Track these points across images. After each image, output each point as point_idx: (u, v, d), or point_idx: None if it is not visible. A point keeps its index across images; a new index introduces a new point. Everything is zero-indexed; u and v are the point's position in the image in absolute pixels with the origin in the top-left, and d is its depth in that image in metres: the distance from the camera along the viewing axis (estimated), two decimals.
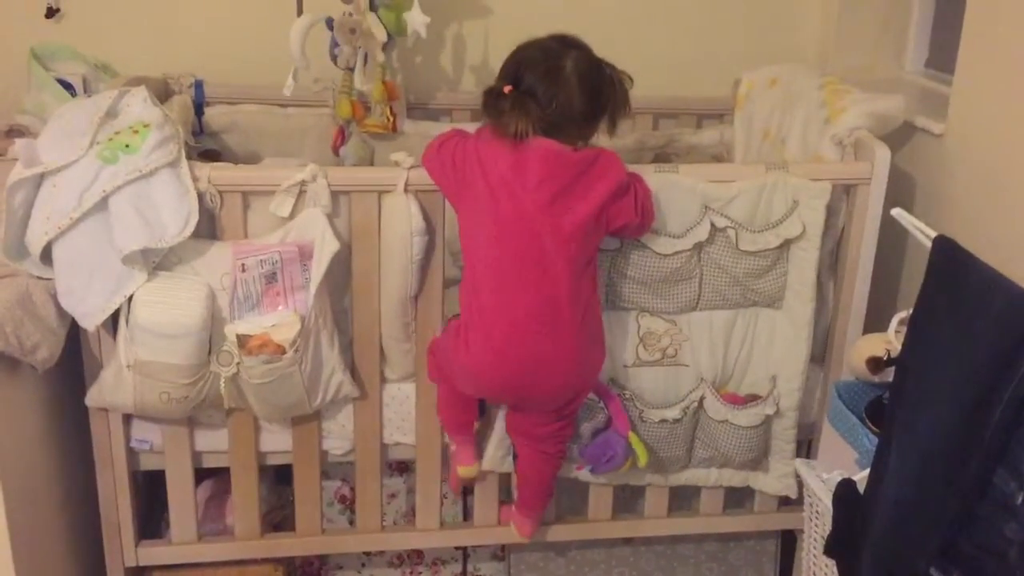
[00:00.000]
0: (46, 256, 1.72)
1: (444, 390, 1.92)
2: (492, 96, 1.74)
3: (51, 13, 2.43)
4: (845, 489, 1.47)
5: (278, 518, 2.24)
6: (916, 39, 2.54)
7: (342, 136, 2.39)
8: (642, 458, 1.95)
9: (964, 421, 1.19)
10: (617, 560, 2.31)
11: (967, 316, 1.21)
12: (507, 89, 1.72)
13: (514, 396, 1.83)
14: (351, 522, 2.29)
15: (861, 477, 1.46)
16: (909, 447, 1.28)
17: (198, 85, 2.38)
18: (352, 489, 2.22)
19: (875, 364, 1.64)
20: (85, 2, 2.45)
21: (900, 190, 2.08)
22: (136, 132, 1.72)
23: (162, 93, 2.28)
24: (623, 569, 2.32)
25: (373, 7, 2.23)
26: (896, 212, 1.51)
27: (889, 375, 1.64)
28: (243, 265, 1.75)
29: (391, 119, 2.37)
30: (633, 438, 1.94)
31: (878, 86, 2.31)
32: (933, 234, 1.37)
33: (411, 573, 2.38)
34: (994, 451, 1.16)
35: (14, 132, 2.17)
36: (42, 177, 1.70)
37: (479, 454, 2.01)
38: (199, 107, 2.37)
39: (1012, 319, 1.14)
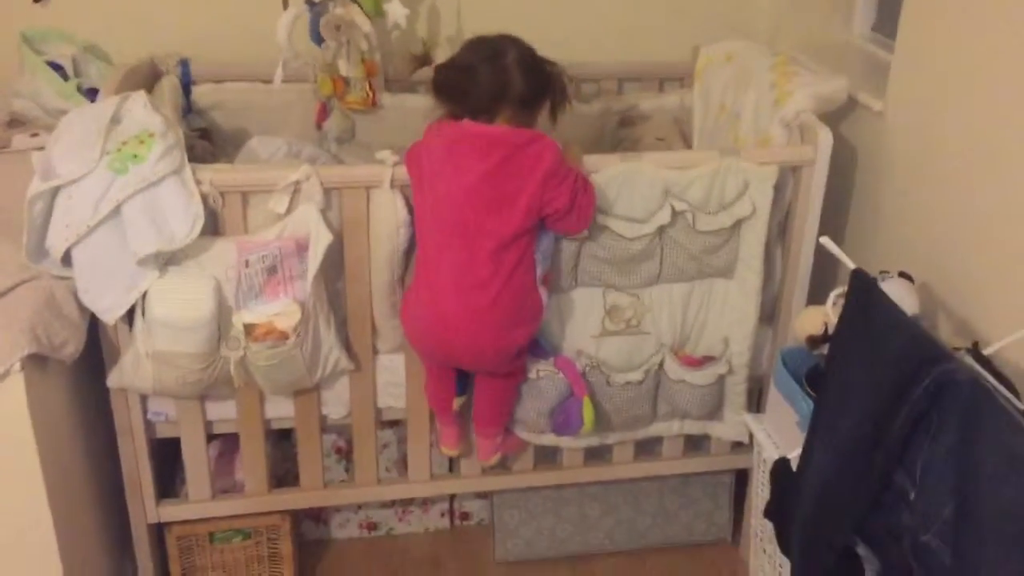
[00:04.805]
0: (65, 257, 1.87)
1: (425, 369, 2.12)
2: (438, 76, 1.95)
3: None
4: (780, 467, 1.72)
5: (282, 471, 2.45)
6: (863, 2, 2.66)
7: (324, 111, 2.51)
8: (587, 423, 2.11)
9: (873, 429, 1.42)
10: (589, 496, 2.54)
11: (875, 347, 1.43)
12: (447, 69, 1.94)
13: (441, 353, 2.00)
14: (347, 470, 2.51)
15: (794, 456, 1.69)
16: (831, 444, 1.51)
17: (184, 64, 2.47)
18: (347, 441, 2.43)
19: (812, 342, 1.85)
20: None
21: (844, 163, 2.25)
22: (142, 142, 1.86)
23: (150, 74, 2.37)
24: (594, 504, 2.55)
25: None
26: (824, 240, 1.71)
27: (825, 349, 1.86)
28: (246, 261, 1.92)
29: (371, 94, 2.48)
30: (586, 402, 2.09)
31: (827, 53, 2.44)
32: (852, 266, 1.58)
33: (403, 512, 2.62)
34: (894, 455, 1.39)
35: (15, 123, 2.28)
36: (57, 188, 1.84)
37: (462, 437, 2.21)
38: (186, 86, 2.46)
39: (908, 356, 1.36)
